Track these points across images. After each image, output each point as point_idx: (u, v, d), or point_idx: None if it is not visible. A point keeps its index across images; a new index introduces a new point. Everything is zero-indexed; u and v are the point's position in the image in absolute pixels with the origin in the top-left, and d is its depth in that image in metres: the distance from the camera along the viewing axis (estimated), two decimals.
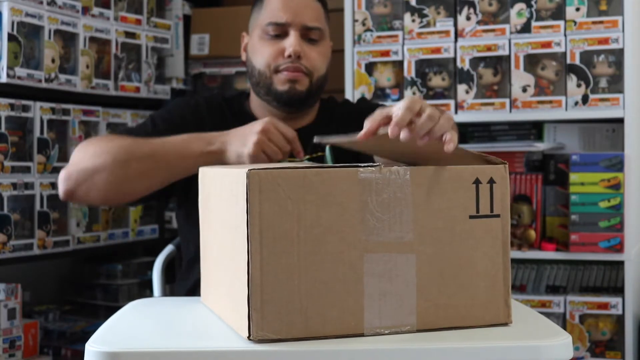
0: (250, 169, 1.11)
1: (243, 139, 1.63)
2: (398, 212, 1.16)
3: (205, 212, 1.37)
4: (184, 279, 1.90)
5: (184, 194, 1.85)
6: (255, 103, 1.90)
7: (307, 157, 1.83)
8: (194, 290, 1.78)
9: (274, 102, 1.83)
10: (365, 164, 1.16)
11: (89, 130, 2.61)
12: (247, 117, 1.88)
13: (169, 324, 1.30)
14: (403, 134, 1.18)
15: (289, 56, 1.79)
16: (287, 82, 1.80)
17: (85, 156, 1.72)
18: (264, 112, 1.88)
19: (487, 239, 1.20)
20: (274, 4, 1.83)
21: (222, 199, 1.24)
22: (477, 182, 1.19)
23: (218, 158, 1.65)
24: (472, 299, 1.20)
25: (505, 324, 1.22)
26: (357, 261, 1.15)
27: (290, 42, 1.79)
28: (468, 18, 2.62)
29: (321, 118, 1.94)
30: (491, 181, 1.20)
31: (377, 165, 1.16)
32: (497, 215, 1.20)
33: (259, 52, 1.84)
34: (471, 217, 1.19)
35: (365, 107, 1.98)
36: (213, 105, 1.90)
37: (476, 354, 1.13)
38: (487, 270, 1.20)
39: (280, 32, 1.82)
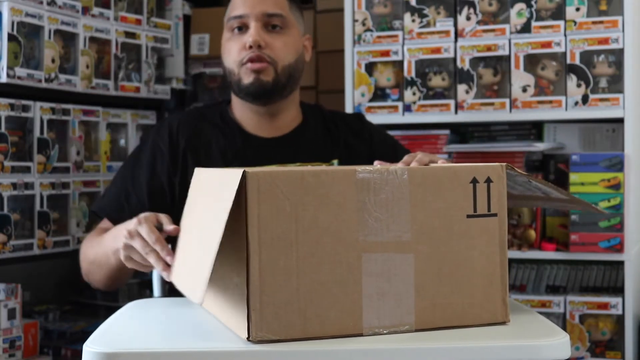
0: (248, 170, 1.11)
1: (119, 238, 1.58)
2: (396, 212, 1.16)
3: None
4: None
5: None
6: (236, 105, 1.91)
7: (298, 164, 1.84)
8: None
9: (246, 97, 1.85)
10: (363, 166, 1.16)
11: (89, 130, 2.61)
12: (230, 123, 1.89)
13: (167, 325, 1.30)
14: None
15: (250, 47, 1.80)
16: (251, 73, 1.81)
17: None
18: (245, 111, 1.89)
19: (485, 238, 1.20)
20: (235, 1, 1.87)
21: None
22: (474, 181, 1.19)
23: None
24: (470, 298, 1.20)
25: (503, 323, 1.22)
26: (355, 261, 1.15)
27: (250, 33, 1.81)
28: (468, 18, 2.62)
29: (309, 122, 1.94)
30: (488, 180, 1.20)
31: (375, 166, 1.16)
32: (494, 215, 1.20)
33: (226, 50, 1.87)
34: (468, 216, 1.19)
35: (357, 124, 1.99)
36: (186, 123, 1.90)
37: (474, 353, 1.13)
38: (484, 269, 1.20)
39: (241, 24, 1.84)
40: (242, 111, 1.89)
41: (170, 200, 1.84)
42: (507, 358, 1.13)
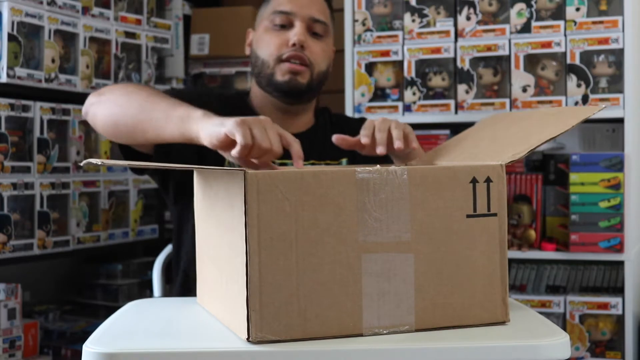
0: (248, 171, 1.11)
1: (223, 120, 1.44)
2: (396, 212, 1.16)
3: (201, 212, 1.37)
4: (181, 290, 1.89)
5: (180, 189, 1.85)
6: (257, 97, 1.90)
7: (311, 162, 1.84)
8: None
9: (274, 92, 1.84)
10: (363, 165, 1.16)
11: (89, 130, 2.61)
12: (250, 113, 1.88)
13: (167, 325, 1.30)
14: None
15: (293, 45, 1.80)
16: (288, 72, 1.81)
17: (109, 99, 1.71)
18: (266, 104, 1.88)
19: (485, 237, 1.20)
20: None
21: (219, 200, 1.24)
22: (474, 181, 1.19)
23: (192, 140, 1.53)
24: (470, 297, 1.20)
25: (503, 323, 1.22)
26: (355, 261, 1.15)
27: (295, 32, 1.81)
28: (468, 18, 2.61)
29: (320, 123, 1.95)
30: (488, 180, 1.20)
31: (374, 166, 1.16)
32: (494, 214, 1.20)
33: (264, 42, 1.85)
34: (468, 216, 1.19)
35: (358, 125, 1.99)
36: (221, 105, 1.88)
37: (474, 353, 1.13)
38: (484, 269, 1.20)
39: (285, 22, 1.83)
40: (262, 104, 1.90)
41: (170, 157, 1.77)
42: (507, 358, 1.13)
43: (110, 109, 1.68)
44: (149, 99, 1.63)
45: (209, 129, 1.42)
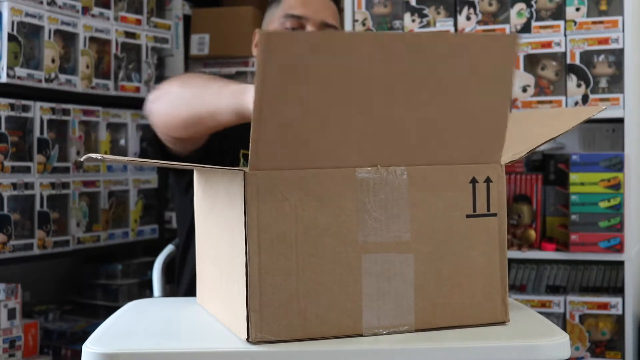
0: (247, 171, 1.11)
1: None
2: (395, 212, 1.16)
3: (201, 212, 1.37)
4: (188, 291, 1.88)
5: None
6: None
7: None
8: None
9: None
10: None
11: (89, 130, 2.61)
12: None
13: (167, 325, 1.30)
14: None
15: None
16: None
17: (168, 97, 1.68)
18: None
19: (484, 237, 1.20)
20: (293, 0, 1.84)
21: (219, 199, 1.24)
22: (473, 181, 1.19)
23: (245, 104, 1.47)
24: (470, 298, 1.20)
25: (502, 323, 1.22)
26: (355, 262, 1.15)
27: None
28: (468, 18, 2.61)
29: None
30: (487, 180, 1.20)
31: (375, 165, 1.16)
32: (494, 214, 1.20)
33: None
34: (468, 216, 1.19)
35: None
36: None
37: (474, 354, 1.13)
38: (484, 269, 1.20)
39: (297, 25, 1.81)
40: None
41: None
42: (507, 358, 1.13)
43: (166, 102, 1.63)
44: (202, 85, 1.59)
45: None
